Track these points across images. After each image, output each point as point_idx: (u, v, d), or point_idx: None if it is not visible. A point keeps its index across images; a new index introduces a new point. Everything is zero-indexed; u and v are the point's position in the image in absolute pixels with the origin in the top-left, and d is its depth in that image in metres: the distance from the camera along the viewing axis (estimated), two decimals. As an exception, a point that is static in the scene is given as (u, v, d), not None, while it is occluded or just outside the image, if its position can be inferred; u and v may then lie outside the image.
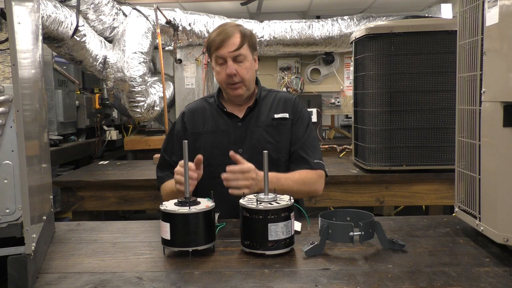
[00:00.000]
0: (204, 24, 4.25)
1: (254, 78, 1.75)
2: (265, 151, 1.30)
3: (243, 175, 1.48)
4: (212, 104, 1.78)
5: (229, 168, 1.50)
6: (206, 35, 4.25)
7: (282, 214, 1.21)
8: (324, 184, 1.73)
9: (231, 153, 1.51)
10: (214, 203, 1.28)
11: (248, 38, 1.68)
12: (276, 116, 1.73)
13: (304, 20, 4.48)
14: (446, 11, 4.09)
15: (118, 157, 4.67)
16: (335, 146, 3.58)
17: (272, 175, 1.54)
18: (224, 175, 1.49)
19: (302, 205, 1.81)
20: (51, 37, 3.19)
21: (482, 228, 1.25)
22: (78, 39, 3.40)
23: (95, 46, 3.63)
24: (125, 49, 3.78)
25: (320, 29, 4.41)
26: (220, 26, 1.70)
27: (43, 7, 2.95)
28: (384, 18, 4.34)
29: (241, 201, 1.27)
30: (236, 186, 1.47)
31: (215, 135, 1.71)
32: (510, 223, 1.15)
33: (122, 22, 3.93)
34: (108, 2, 3.72)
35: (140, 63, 3.81)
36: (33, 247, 1.07)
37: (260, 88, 1.79)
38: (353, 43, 2.79)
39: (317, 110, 4.65)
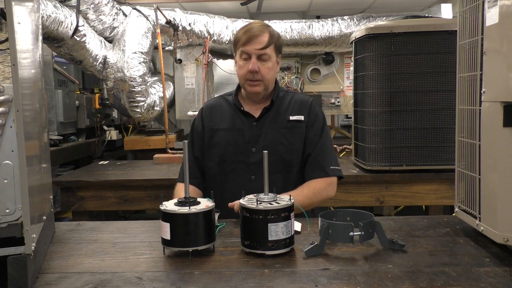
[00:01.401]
0: (204, 24, 4.24)
1: (274, 79, 1.78)
2: (265, 151, 1.30)
3: None
4: (230, 102, 1.81)
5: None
6: (206, 35, 4.25)
7: (282, 214, 1.21)
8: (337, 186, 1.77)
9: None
10: (214, 203, 1.28)
11: (275, 39, 1.71)
12: (291, 118, 1.75)
13: (304, 20, 4.48)
14: (446, 11, 4.09)
15: (118, 157, 4.67)
16: (335, 146, 3.57)
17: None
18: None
19: None
20: (51, 37, 3.19)
21: (482, 228, 1.25)
22: (78, 39, 3.39)
23: (95, 46, 3.62)
24: (125, 49, 3.77)
25: (320, 29, 4.40)
26: (250, 24, 1.73)
27: (43, 7, 2.95)
28: (384, 18, 4.34)
29: (241, 201, 1.27)
30: None
31: (230, 132, 1.74)
32: (510, 223, 1.15)
33: (122, 22, 3.93)
34: (108, 2, 3.72)
35: (140, 63, 3.81)
36: (33, 247, 1.07)
37: (278, 89, 1.81)
38: (353, 43, 2.78)
39: (317, 110, 4.65)
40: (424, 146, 2.57)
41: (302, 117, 1.75)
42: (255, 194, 1.30)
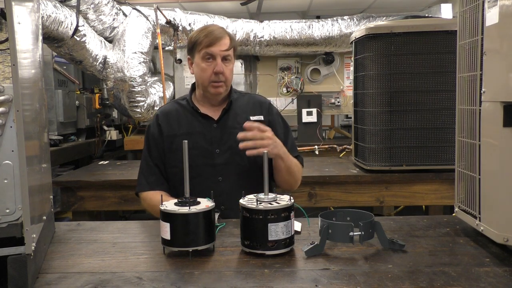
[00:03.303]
0: (204, 24, 4.24)
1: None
2: (265, 151, 1.30)
3: (261, 134, 1.53)
4: (185, 106, 1.79)
5: (246, 124, 1.54)
6: (206, 35, 4.25)
7: (282, 214, 1.21)
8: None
9: (246, 123, 1.56)
10: (214, 203, 1.28)
11: (234, 43, 1.74)
12: (252, 118, 1.76)
13: (304, 20, 4.48)
14: (446, 11, 4.09)
15: (118, 157, 4.67)
16: (335, 146, 3.58)
17: (284, 149, 1.66)
18: (240, 134, 1.53)
19: None
20: (51, 37, 3.19)
21: (482, 228, 1.25)
22: (78, 39, 3.40)
23: (95, 46, 3.62)
24: (125, 49, 3.77)
25: (320, 29, 4.41)
26: (208, 27, 1.73)
27: (43, 7, 2.95)
28: (384, 18, 4.34)
29: (241, 201, 1.27)
30: (254, 145, 1.52)
31: (191, 136, 1.72)
32: (510, 223, 1.15)
33: (122, 22, 3.93)
34: (108, 2, 3.72)
35: (140, 63, 3.81)
36: (33, 247, 1.07)
37: (233, 90, 1.82)
38: (353, 43, 2.78)
39: (317, 110, 4.65)
40: (424, 146, 2.57)
41: (262, 117, 1.78)
42: (255, 194, 1.30)
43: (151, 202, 1.72)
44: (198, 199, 1.30)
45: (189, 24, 4.21)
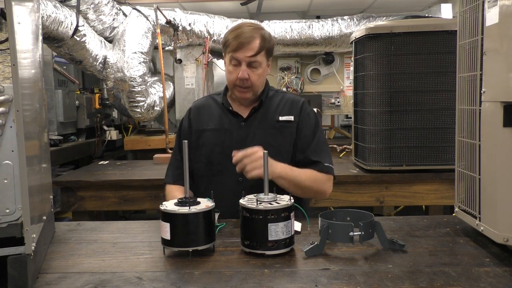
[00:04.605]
0: (204, 24, 4.24)
1: (264, 83, 1.74)
2: (265, 151, 1.30)
3: (249, 158, 1.51)
4: (218, 102, 1.78)
5: (234, 154, 1.54)
6: (206, 35, 4.25)
7: (282, 214, 1.21)
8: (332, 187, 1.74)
9: (233, 153, 1.54)
10: (214, 203, 1.28)
11: (267, 44, 1.67)
12: (281, 118, 1.72)
13: (304, 20, 4.48)
14: (446, 11, 4.09)
15: (118, 157, 4.67)
16: (335, 146, 3.58)
17: (285, 165, 1.60)
18: (235, 158, 1.53)
19: (306, 206, 1.79)
20: (51, 37, 3.19)
21: (482, 228, 1.25)
22: (78, 39, 3.40)
23: (95, 46, 3.63)
24: (125, 49, 3.78)
25: (320, 29, 4.41)
26: (241, 27, 1.66)
27: (43, 7, 2.95)
28: (384, 18, 4.34)
29: (241, 201, 1.27)
30: (247, 170, 1.51)
31: (218, 133, 1.72)
32: (510, 223, 1.15)
33: (122, 22, 3.93)
34: (108, 2, 3.72)
35: (140, 63, 3.81)
36: (33, 247, 1.07)
37: (268, 88, 1.77)
38: (353, 43, 2.78)
39: (317, 110, 4.65)
40: (424, 146, 2.57)
41: (292, 118, 1.72)
42: (255, 194, 1.30)
43: (169, 196, 1.73)
44: (198, 199, 1.30)
45: (189, 24, 4.21)
